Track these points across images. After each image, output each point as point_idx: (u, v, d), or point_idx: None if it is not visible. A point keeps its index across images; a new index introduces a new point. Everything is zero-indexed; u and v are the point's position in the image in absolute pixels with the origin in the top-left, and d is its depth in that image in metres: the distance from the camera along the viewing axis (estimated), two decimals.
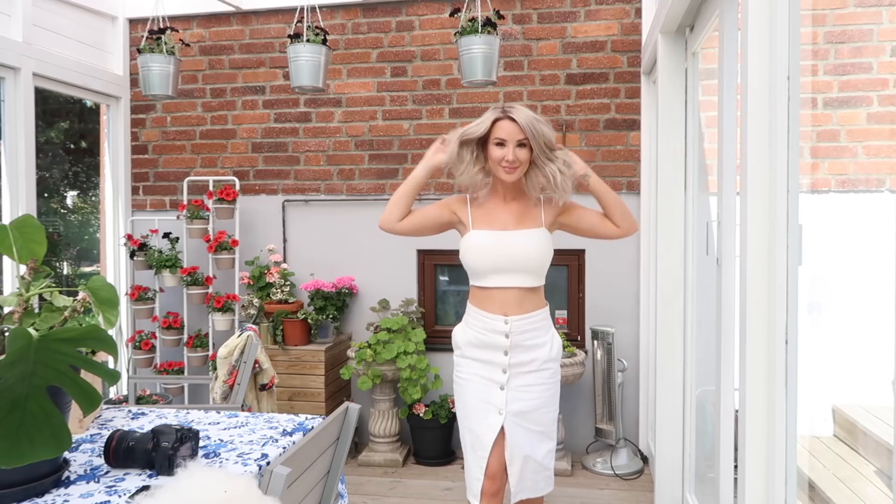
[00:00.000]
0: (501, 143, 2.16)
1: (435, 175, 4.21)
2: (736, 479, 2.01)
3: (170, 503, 1.15)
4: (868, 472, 3.01)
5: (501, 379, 2.22)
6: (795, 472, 1.65)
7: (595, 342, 3.93)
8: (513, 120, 2.15)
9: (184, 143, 4.53)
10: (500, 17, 3.20)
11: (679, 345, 3.03)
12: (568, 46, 4.09)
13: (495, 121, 2.17)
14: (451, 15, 3.27)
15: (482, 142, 2.22)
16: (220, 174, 4.44)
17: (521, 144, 2.15)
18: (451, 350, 2.39)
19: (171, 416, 2.11)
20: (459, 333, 2.33)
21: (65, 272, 4.88)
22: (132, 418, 2.08)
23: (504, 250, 2.19)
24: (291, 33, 3.33)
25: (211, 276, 4.20)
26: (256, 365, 3.20)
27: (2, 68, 3.54)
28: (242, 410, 2.73)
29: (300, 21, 3.43)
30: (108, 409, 2.16)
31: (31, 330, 1.33)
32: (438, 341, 4.13)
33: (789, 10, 1.60)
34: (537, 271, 2.24)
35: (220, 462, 1.68)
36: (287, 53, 3.34)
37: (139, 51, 3.54)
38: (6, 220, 2.19)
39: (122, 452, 1.59)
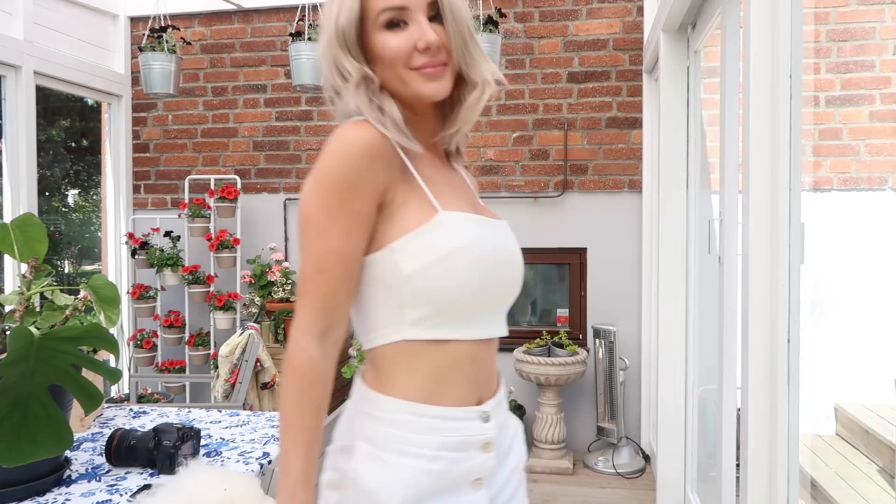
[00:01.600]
0: (396, 20, 0.99)
1: None
2: (738, 477, 2.01)
3: (171, 502, 1.15)
4: (870, 470, 3.00)
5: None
6: (798, 470, 1.65)
7: (597, 341, 3.92)
8: None
9: (185, 142, 4.53)
10: (502, 15, 3.20)
11: (681, 343, 3.03)
12: (570, 45, 4.08)
13: None
14: None
15: (360, 42, 1.01)
16: (221, 173, 4.44)
17: (434, 17, 1.00)
18: None
19: (172, 414, 2.10)
20: (378, 484, 0.96)
21: (66, 271, 4.88)
22: (133, 417, 2.08)
23: (507, 258, 1.07)
24: (293, 31, 3.33)
25: (212, 274, 4.20)
26: (258, 363, 3.20)
27: (3, 66, 3.54)
28: (244, 409, 2.74)
29: (301, 19, 3.43)
30: (109, 407, 2.17)
31: (32, 328, 1.33)
32: None
33: (791, 8, 1.60)
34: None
35: (222, 461, 1.68)
36: (288, 52, 3.33)
37: (140, 49, 3.54)
38: (7, 219, 2.19)
39: (124, 451, 1.59)
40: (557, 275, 4.19)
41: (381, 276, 0.98)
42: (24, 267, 1.58)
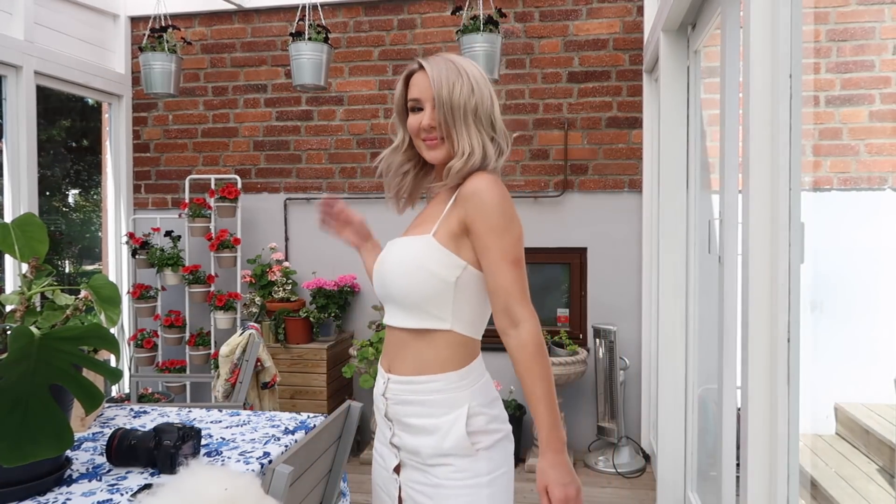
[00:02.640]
0: (417, 107, 1.45)
1: None
2: (738, 477, 2.01)
3: (172, 501, 1.15)
4: (870, 469, 3.01)
5: (395, 463, 1.48)
6: (798, 470, 1.65)
7: (597, 340, 3.92)
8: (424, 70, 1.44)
9: (185, 142, 4.53)
10: (502, 15, 3.20)
11: (681, 343, 3.03)
12: (570, 45, 4.08)
13: (408, 77, 1.48)
14: (453, 13, 3.27)
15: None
16: (221, 172, 4.44)
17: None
18: None
19: (172, 414, 2.11)
20: None
21: (67, 270, 4.89)
22: (134, 417, 2.08)
23: (379, 267, 1.55)
24: (293, 31, 3.33)
25: (213, 274, 4.20)
26: (258, 363, 3.20)
27: (3, 66, 3.54)
28: (244, 409, 2.74)
29: (302, 19, 3.43)
30: (109, 407, 2.17)
31: (33, 328, 1.33)
32: None
33: (791, 7, 1.60)
34: (412, 303, 1.43)
35: (223, 460, 1.68)
36: (289, 51, 3.34)
37: (141, 49, 3.54)
38: (8, 219, 2.19)
39: (124, 451, 1.59)
40: (558, 274, 4.19)
41: None
42: (25, 267, 1.58)
